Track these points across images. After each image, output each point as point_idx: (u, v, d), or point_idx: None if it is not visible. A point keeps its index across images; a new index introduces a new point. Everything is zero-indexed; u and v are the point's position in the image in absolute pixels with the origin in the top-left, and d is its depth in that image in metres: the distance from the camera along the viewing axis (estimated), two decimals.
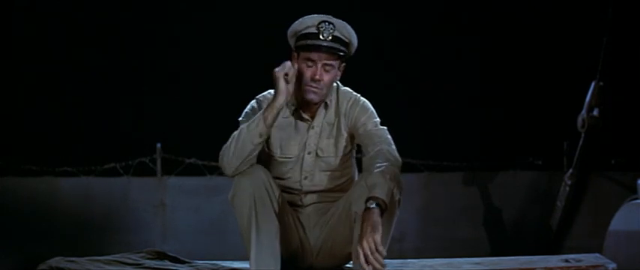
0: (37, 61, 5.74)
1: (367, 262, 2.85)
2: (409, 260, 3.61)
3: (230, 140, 3.12)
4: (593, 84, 5.27)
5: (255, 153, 3.12)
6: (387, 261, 3.38)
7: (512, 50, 5.74)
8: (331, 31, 3.15)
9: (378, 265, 2.85)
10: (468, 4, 5.74)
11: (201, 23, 5.76)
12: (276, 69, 3.11)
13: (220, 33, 5.71)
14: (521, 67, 5.74)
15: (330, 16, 3.18)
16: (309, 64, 3.15)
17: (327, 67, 3.16)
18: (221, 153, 3.13)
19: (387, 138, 3.18)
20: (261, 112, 3.13)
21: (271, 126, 3.12)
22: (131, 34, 5.76)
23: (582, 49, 5.51)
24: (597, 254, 3.58)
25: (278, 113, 3.12)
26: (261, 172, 3.11)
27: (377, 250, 2.85)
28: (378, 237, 2.86)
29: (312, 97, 3.19)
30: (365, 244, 2.86)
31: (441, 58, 5.77)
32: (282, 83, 3.10)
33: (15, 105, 5.75)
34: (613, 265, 3.38)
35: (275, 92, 3.11)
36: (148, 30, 5.75)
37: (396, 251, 5.36)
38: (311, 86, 3.16)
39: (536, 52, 5.73)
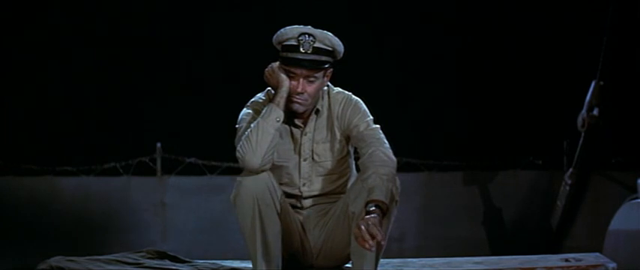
0: (37, 61, 5.74)
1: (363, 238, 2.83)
2: (409, 260, 3.62)
3: (245, 138, 3.11)
4: (593, 83, 5.27)
5: (276, 140, 3.12)
6: (386, 260, 3.41)
7: (512, 50, 5.74)
8: (311, 43, 3.13)
9: (367, 237, 2.82)
10: (469, 4, 5.74)
11: (200, 24, 5.76)
12: (267, 68, 3.19)
13: (220, 33, 5.71)
14: (521, 67, 5.74)
15: (309, 28, 3.16)
16: (291, 75, 3.16)
17: (311, 79, 3.17)
18: (240, 153, 3.10)
19: (380, 138, 3.18)
20: (268, 104, 3.15)
21: (283, 109, 3.14)
22: (131, 34, 5.76)
23: (582, 49, 5.51)
24: (597, 254, 3.58)
25: (286, 97, 3.14)
26: (263, 173, 3.11)
27: (374, 225, 2.83)
28: (376, 219, 2.86)
29: (296, 107, 3.20)
30: (362, 221, 2.85)
31: (442, 57, 5.77)
32: (280, 74, 3.14)
33: (15, 105, 5.75)
34: (613, 265, 3.39)
35: (277, 83, 3.15)
36: (148, 30, 5.75)
37: (396, 251, 5.37)
38: (295, 98, 3.17)
39: (537, 52, 5.73)
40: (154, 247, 3.94)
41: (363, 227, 2.83)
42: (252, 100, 3.30)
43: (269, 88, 3.28)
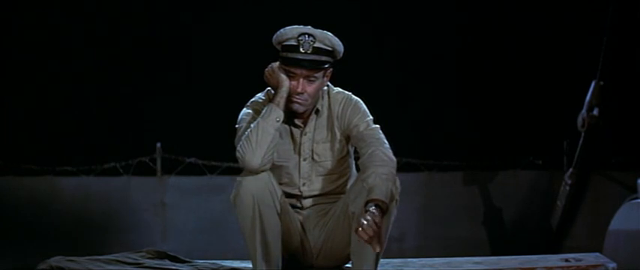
0: (37, 61, 5.74)
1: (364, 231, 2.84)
2: (409, 260, 3.62)
3: (245, 138, 3.11)
4: (593, 83, 5.27)
5: (276, 140, 3.12)
6: (386, 260, 3.41)
7: (512, 50, 5.74)
8: (311, 43, 3.14)
9: (368, 232, 2.83)
10: (469, 4, 5.74)
11: (199, 24, 5.76)
12: (267, 68, 3.19)
13: (219, 33, 5.71)
14: (521, 67, 5.74)
15: (309, 28, 3.16)
16: (291, 75, 3.16)
17: (311, 79, 3.17)
18: (240, 153, 3.10)
19: (380, 138, 3.18)
20: (268, 104, 3.15)
21: (283, 109, 3.14)
22: (131, 34, 5.76)
23: (582, 49, 5.51)
24: (597, 254, 3.58)
25: (286, 97, 3.14)
26: (263, 173, 3.12)
27: (375, 220, 2.84)
28: (376, 216, 2.87)
29: (296, 107, 3.20)
30: (363, 220, 2.86)
31: (442, 57, 5.77)
32: (280, 74, 3.15)
33: (15, 105, 5.75)
34: (613, 265, 3.39)
35: (277, 83, 3.15)
36: (148, 30, 5.75)
37: (396, 251, 5.36)
38: (295, 98, 3.17)
39: (537, 52, 5.73)
40: (154, 247, 3.94)
41: (364, 222, 2.83)
42: (252, 100, 3.30)
43: (269, 88, 3.28)
